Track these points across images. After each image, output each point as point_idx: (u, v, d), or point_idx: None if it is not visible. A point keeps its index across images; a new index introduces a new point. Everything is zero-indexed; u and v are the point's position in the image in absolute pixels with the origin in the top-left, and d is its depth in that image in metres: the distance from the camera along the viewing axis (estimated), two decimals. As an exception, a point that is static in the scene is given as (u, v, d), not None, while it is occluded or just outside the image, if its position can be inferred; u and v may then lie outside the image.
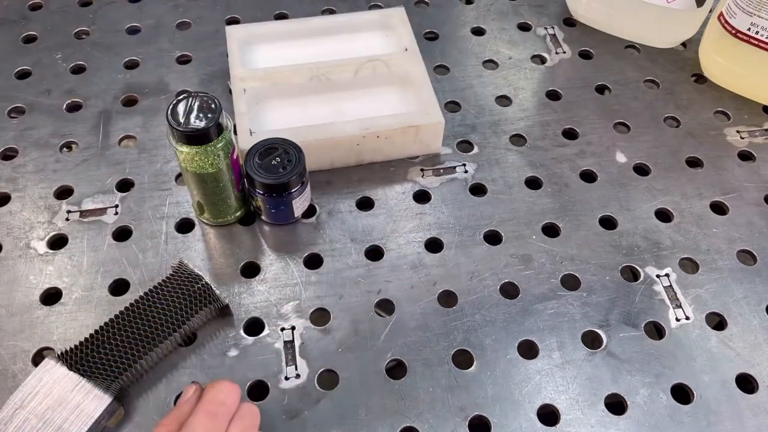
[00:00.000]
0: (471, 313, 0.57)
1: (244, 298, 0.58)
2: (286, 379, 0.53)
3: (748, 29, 0.67)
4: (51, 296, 0.58)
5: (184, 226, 0.63)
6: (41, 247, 0.61)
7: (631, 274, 0.61)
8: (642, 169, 0.68)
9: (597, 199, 0.65)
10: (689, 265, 0.61)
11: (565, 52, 0.79)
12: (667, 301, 0.58)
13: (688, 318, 0.57)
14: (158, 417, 0.51)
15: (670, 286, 0.59)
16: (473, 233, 0.62)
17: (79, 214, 0.63)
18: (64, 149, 0.69)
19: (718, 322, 0.58)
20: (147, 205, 0.64)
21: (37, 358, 0.54)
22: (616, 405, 0.53)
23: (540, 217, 0.64)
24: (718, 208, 0.65)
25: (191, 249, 0.61)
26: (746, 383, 0.54)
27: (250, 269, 0.60)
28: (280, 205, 0.59)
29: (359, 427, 0.51)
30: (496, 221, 0.63)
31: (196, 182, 0.57)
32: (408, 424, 0.51)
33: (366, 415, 0.52)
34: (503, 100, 0.74)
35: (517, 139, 0.70)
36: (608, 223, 0.64)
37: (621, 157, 0.69)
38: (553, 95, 0.75)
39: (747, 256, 0.62)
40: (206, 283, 0.55)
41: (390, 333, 0.56)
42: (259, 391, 0.53)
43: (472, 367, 0.54)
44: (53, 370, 0.50)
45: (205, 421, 0.44)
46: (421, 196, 0.65)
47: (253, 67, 0.70)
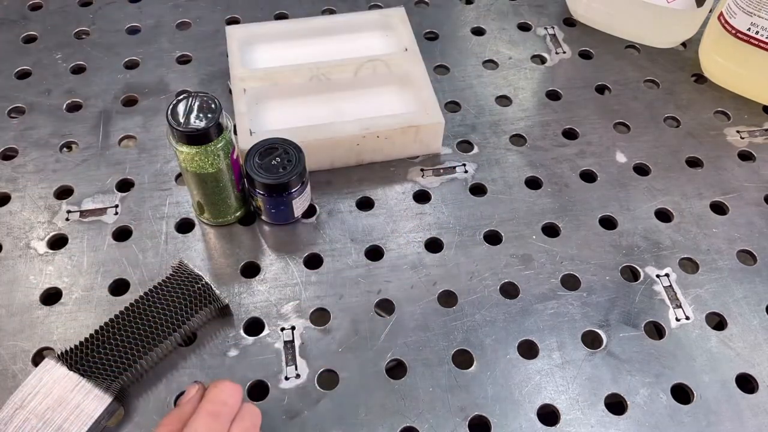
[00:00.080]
0: (471, 313, 0.57)
1: (244, 298, 0.58)
2: (286, 379, 0.53)
3: (748, 29, 0.68)
4: (51, 296, 0.58)
5: (184, 226, 0.63)
6: (41, 247, 0.61)
7: (631, 274, 0.61)
8: (642, 169, 0.68)
9: (597, 199, 0.65)
10: (689, 265, 0.61)
11: (565, 52, 0.79)
12: (667, 301, 0.58)
13: (688, 318, 0.57)
14: (158, 417, 0.51)
15: (670, 286, 0.59)
16: (473, 233, 0.62)
17: (79, 214, 0.63)
18: (64, 149, 0.69)
19: (718, 322, 0.58)
20: (147, 205, 0.64)
21: (37, 358, 0.54)
22: (616, 405, 0.53)
23: (540, 217, 0.64)
24: (718, 208, 0.65)
25: (191, 249, 0.61)
26: (746, 383, 0.54)
27: (250, 269, 0.60)
28: (280, 205, 0.59)
29: (359, 427, 0.51)
30: (496, 221, 0.63)
31: (196, 182, 0.57)
32: (408, 424, 0.51)
33: (366, 415, 0.52)
34: (503, 100, 0.74)
35: (517, 139, 0.70)
36: (608, 223, 0.64)
37: (621, 157, 0.69)
38: (553, 95, 0.75)
39: (747, 256, 0.62)
40: (206, 283, 0.55)
41: (390, 333, 0.56)
42: (259, 391, 0.53)
43: (472, 367, 0.54)
44: (53, 370, 0.50)
45: (208, 421, 0.44)
46: (421, 196, 0.65)
47: (253, 67, 0.70)
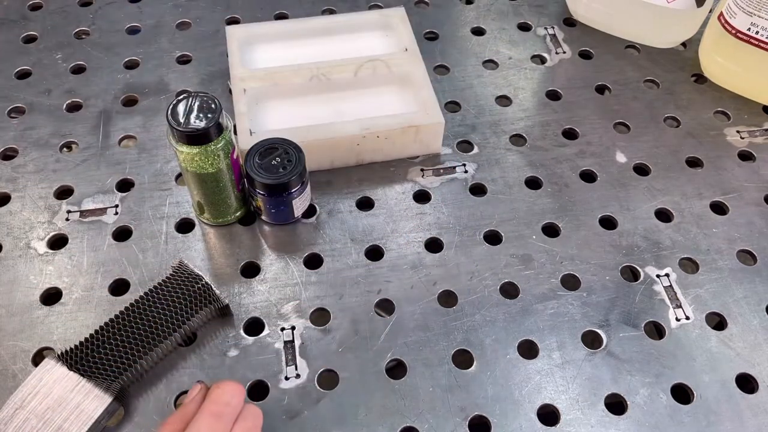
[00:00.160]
0: (471, 313, 0.57)
1: (244, 298, 0.58)
2: (286, 379, 0.53)
3: (748, 29, 0.67)
4: (51, 296, 0.58)
5: (184, 226, 0.63)
6: (41, 247, 0.61)
7: (631, 274, 0.61)
8: (642, 169, 0.68)
9: (597, 199, 0.65)
10: (689, 265, 0.61)
11: (565, 52, 0.79)
12: (667, 301, 0.58)
13: (688, 318, 0.57)
14: (158, 417, 0.51)
15: (670, 286, 0.59)
16: (473, 233, 0.62)
17: (79, 214, 0.63)
18: (64, 149, 0.69)
19: (718, 322, 0.58)
20: (147, 205, 0.64)
21: (37, 358, 0.54)
22: (616, 405, 0.53)
23: (540, 217, 0.64)
24: (718, 208, 0.65)
25: (191, 249, 0.61)
26: (746, 383, 0.54)
27: (250, 269, 0.60)
28: (280, 205, 0.59)
29: (359, 427, 0.51)
30: (496, 221, 0.63)
31: (196, 182, 0.57)
32: (408, 424, 0.51)
33: (366, 415, 0.52)
34: (503, 100, 0.74)
35: (517, 139, 0.70)
36: (608, 223, 0.64)
37: (621, 157, 0.69)
38: (553, 95, 0.75)
39: (747, 256, 0.62)
40: (206, 283, 0.55)
41: (390, 333, 0.56)
42: (259, 391, 0.53)
43: (472, 367, 0.54)
44: (53, 370, 0.50)
45: (210, 422, 0.44)
46: (421, 196, 0.65)
47: (253, 67, 0.70)
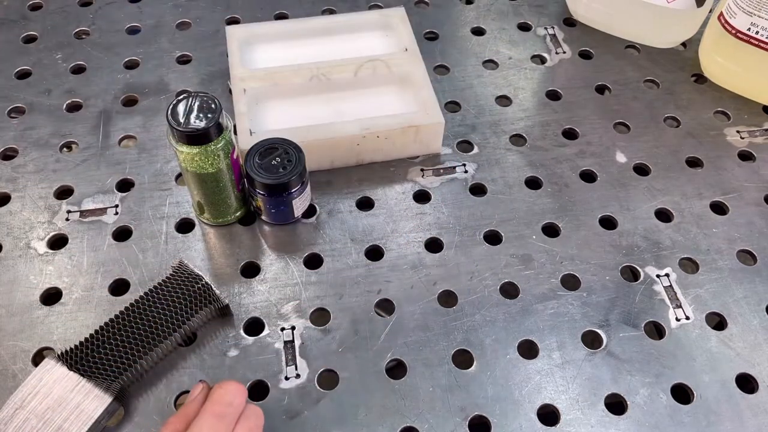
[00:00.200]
0: (471, 313, 0.57)
1: (244, 298, 0.58)
2: (286, 379, 0.53)
3: (748, 29, 0.67)
4: (51, 296, 0.58)
5: (184, 226, 0.63)
6: (41, 247, 0.61)
7: (631, 274, 0.61)
8: (642, 169, 0.68)
9: (597, 199, 0.65)
10: (689, 265, 0.61)
11: (565, 52, 0.79)
12: (667, 301, 0.58)
13: (688, 318, 0.57)
14: (158, 417, 0.51)
15: (670, 286, 0.59)
16: (473, 233, 0.62)
17: (79, 214, 0.63)
18: (64, 149, 0.69)
19: (718, 322, 0.58)
20: (147, 205, 0.64)
21: (37, 358, 0.54)
22: (616, 405, 0.53)
23: (540, 217, 0.64)
24: (718, 208, 0.65)
25: (191, 249, 0.61)
26: (746, 383, 0.54)
27: (250, 269, 0.60)
28: (280, 205, 0.59)
29: (359, 427, 0.51)
30: (496, 221, 0.63)
31: (196, 182, 0.57)
32: (408, 424, 0.51)
33: (366, 415, 0.52)
34: (503, 100, 0.74)
35: (517, 139, 0.70)
36: (608, 223, 0.64)
37: (621, 157, 0.69)
38: (553, 95, 0.75)
39: (747, 256, 0.62)
40: (206, 283, 0.55)
41: (390, 333, 0.56)
42: (259, 391, 0.53)
43: (472, 367, 0.54)
44: (53, 370, 0.50)
45: (213, 422, 0.44)
46: (421, 196, 0.65)
47: (253, 67, 0.70)
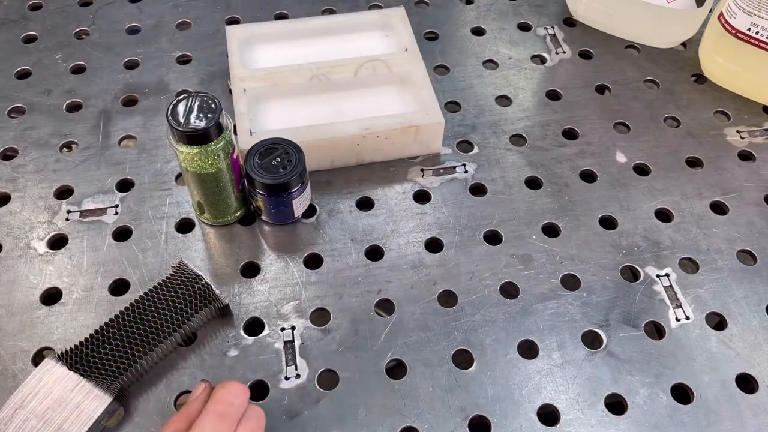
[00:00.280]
0: (471, 313, 0.57)
1: (244, 298, 0.58)
2: (286, 379, 0.53)
3: (749, 29, 0.67)
4: (51, 296, 0.58)
5: (184, 226, 0.63)
6: (41, 247, 0.61)
7: (631, 274, 0.61)
8: (642, 169, 0.68)
9: (597, 199, 0.65)
10: (689, 265, 0.61)
11: (565, 52, 0.79)
12: (667, 301, 0.58)
13: (688, 318, 0.57)
14: (158, 417, 0.51)
15: (670, 286, 0.59)
16: (473, 233, 0.62)
17: (79, 214, 0.63)
18: (64, 149, 0.69)
19: (718, 322, 0.58)
20: (147, 205, 0.64)
21: (37, 358, 0.54)
22: (616, 405, 0.53)
23: (540, 217, 0.64)
24: (718, 208, 0.65)
25: (191, 249, 0.61)
26: (746, 383, 0.54)
27: (250, 269, 0.60)
28: (280, 205, 0.59)
29: (359, 427, 0.51)
30: (496, 221, 0.63)
31: (196, 182, 0.57)
32: (408, 424, 0.51)
33: (366, 415, 0.52)
34: (503, 100, 0.74)
35: (517, 139, 0.70)
36: (608, 223, 0.64)
37: (621, 157, 0.69)
38: (553, 95, 0.75)
39: (747, 256, 0.62)
40: (206, 283, 0.55)
41: (390, 333, 0.56)
42: (259, 391, 0.53)
43: (472, 367, 0.54)
44: (53, 370, 0.50)
45: (215, 422, 0.44)
46: (421, 196, 0.65)
47: (253, 67, 0.70)
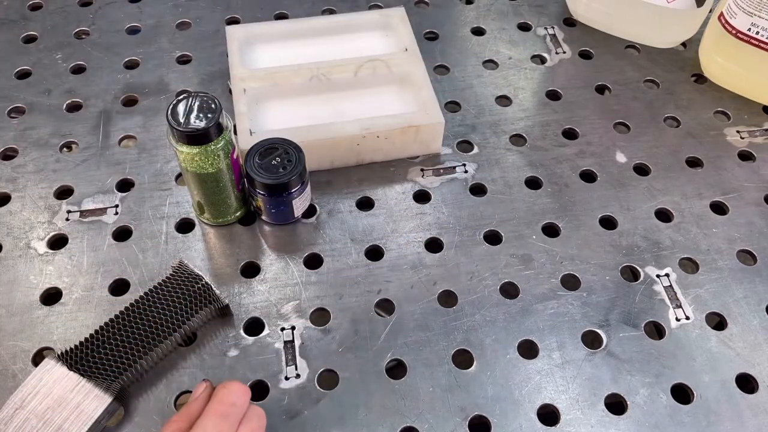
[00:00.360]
0: (471, 313, 0.57)
1: (244, 298, 0.58)
2: (286, 379, 0.53)
3: (749, 29, 0.67)
4: (51, 296, 0.58)
5: (184, 226, 0.63)
6: (41, 247, 0.61)
7: (631, 274, 0.61)
8: (642, 169, 0.68)
9: (597, 199, 0.65)
10: (689, 265, 0.61)
11: (565, 52, 0.79)
12: (667, 301, 0.58)
13: (688, 318, 0.57)
14: (158, 417, 0.51)
15: (670, 286, 0.59)
16: (473, 233, 0.62)
17: (79, 214, 0.63)
18: (64, 149, 0.69)
19: (718, 322, 0.58)
20: (147, 205, 0.64)
21: (37, 358, 0.54)
22: (616, 405, 0.53)
23: (540, 217, 0.64)
24: (718, 208, 0.65)
25: (191, 249, 0.61)
26: (746, 383, 0.54)
27: (250, 269, 0.60)
28: (280, 205, 0.59)
29: (359, 427, 0.51)
30: (496, 221, 0.63)
31: (196, 182, 0.57)
32: (408, 424, 0.51)
33: (366, 415, 0.52)
34: (503, 100, 0.74)
35: (517, 139, 0.70)
36: (608, 223, 0.64)
37: (621, 157, 0.69)
38: (553, 95, 0.75)
39: (747, 256, 0.62)
40: (206, 283, 0.55)
41: (390, 333, 0.56)
42: (259, 391, 0.53)
43: (472, 367, 0.54)
44: (53, 370, 0.50)
45: (216, 422, 0.44)
46: (421, 196, 0.65)
47: (253, 67, 0.70)
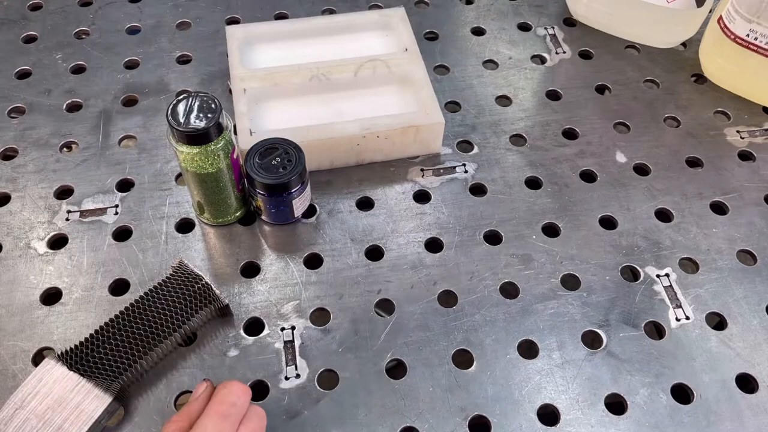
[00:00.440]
0: (471, 313, 0.57)
1: (244, 298, 0.58)
2: (286, 379, 0.53)
3: (747, 35, 0.67)
4: (51, 296, 0.58)
5: (184, 226, 0.63)
6: (41, 247, 0.61)
7: (631, 274, 0.61)
8: (642, 169, 0.68)
9: (597, 199, 0.65)
10: (689, 265, 0.61)
11: (565, 52, 0.79)
12: (667, 301, 0.58)
13: (688, 318, 0.57)
14: (158, 417, 0.51)
15: (670, 286, 0.59)
16: (473, 233, 0.62)
17: (79, 214, 0.63)
18: (64, 149, 0.69)
19: (718, 322, 0.58)
20: (147, 205, 0.64)
21: (37, 358, 0.54)
22: (616, 405, 0.53)
23: (540, 217, 0.64)
24: (718, 208, 0.65)
25: (191, 249, 0.61)
26: (746, 383, 0.54)
27: (250, 269, 0.60)
28: (280, 205, 0.59)
29: (359, 427, 0.51)
30: (496, 221, 0.63)
31: (196, 182, 0.57)
32: (408, 424, 0.51)
33: (366, 415, 0.52)
34: (503, 100, 0.74)
35: (517, 139, 0.70)
36: (608, 223, 0.64)
37: (621, 157, 0.69)
38: (553, 95, 0.75)
39: (747, 256, 0.62)
40: (206, 283, 0.55)
41: (390, 333, 0.56)
42: (259, 391, 0.53)
43: (472, 367, 0.54)
44: (53, 370, 0.50)
45: (217, 422, 0.44)
46: (421, 196, 0.65)
47: (253, 67, 0.70)
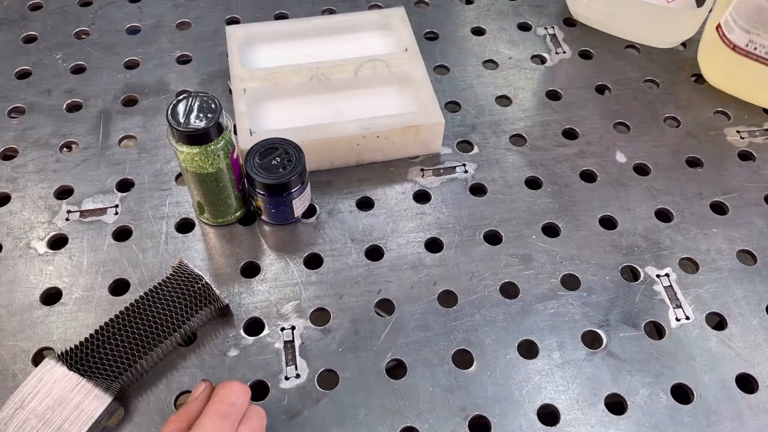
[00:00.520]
0: (471, 313, 0.57)
1: (244, 298, 0.58)
2: (286, 379, 0.53)
3: (746, 45, 0.67)
4: (51, 296, 0.58)
5: (184, 226, 0.63)
6: (41, 247, 0.61)
7: (631, 274, 0.61)
8: (642, 169, 0.68)
9: (597, 199, 0.65)
10: (689, 265, 0.61)
11: (565, 52, 0.79)
12: (667, 301, 0.58)
13: (688, 318, 0.57)
14: (158, 417, 0.51)
15: (670, 286, 0.59)
16: (473, 233, 0.62)
17: (79, 214, 0.63)
18: (64, 149, 0.69)
19: (718, 322, 0.58)
20: (147, 205, 0.64)
21: (37, 358, 0.54)
22: (616, 405, 0.53)
23: (540, 217, 0.64)
24: (718, 208, 0.65)
25: (191, 249, 0.61)
26: (746, 383, 0.54)
27: (250, 269, 0.60)
28: (280, 205, 0.59)
29: (359, 427, 0.51)
30: (496, 221, 0.63)
31: (196, 182, 0.57)
32: (408, 424, 0.51)
33: (366, 415, 0.52)
34: (503, 100, 0.74)
35: (517, 139, 0.70)
36: (608, 223, 0.64)
37: (621, 157, 0.69)
38: (553, 95, 0.75)
39: (747, 256, 0.62)
40: (206, 283, 0.55)
41: (390, 333, 0.56)
42: (259, 391, 0.53)
43: (472, 367, 0.54)
44: (53, 370, 0.50)
45: (216, 422, 0.44)
46: (421, 196, 0.65)
47: (253, 67, 0.70)
